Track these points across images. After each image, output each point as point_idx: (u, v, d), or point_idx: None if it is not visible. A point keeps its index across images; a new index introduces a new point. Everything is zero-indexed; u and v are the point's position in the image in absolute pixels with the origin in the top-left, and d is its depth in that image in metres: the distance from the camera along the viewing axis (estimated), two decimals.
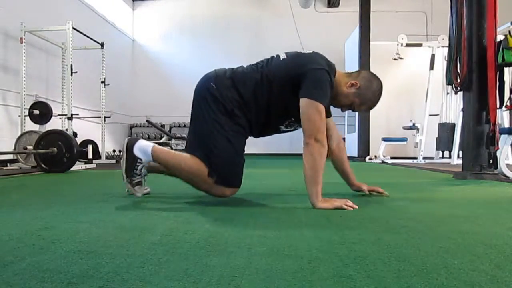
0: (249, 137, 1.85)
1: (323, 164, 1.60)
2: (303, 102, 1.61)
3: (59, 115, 5.29)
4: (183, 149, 8.54)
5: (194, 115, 1.77)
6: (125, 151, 1.72)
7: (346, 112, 1.99)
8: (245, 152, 1.75)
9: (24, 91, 4.87)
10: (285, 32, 9.56)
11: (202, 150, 1.69)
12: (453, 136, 5.80)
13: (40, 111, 4.83)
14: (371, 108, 1.83)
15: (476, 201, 1.96)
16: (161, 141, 7.44)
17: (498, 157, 2.96)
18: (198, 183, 1.71)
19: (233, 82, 1.72)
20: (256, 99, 1.70)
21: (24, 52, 4.88)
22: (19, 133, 4.59)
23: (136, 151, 1.72)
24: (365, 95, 1.74)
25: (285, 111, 1.73)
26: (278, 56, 1.77)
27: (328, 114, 1.93)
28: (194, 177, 1.69)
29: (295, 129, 1.86)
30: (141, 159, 1.71)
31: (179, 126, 9.67)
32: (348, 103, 1.76)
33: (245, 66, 1.82)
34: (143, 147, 1.72)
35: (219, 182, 1.67)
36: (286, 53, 1.77)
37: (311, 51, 1.75)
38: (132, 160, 1.70)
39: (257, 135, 1.86)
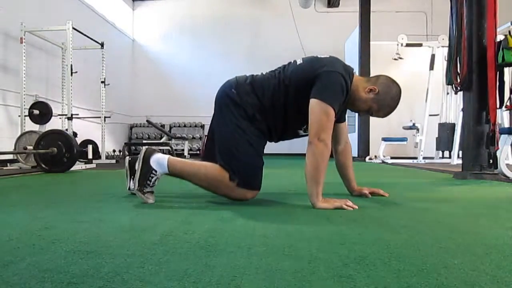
0: (269, 142, 1.87)
1: (325, 165, 1.60)
2: (312, 102, 1.62)
3: (59, 115, 5.30)
4: (182, 150, 8.51)
5: (216, 121, 1.80)
6: (141, 161, 1.70)
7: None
8: None
9: (24, 91, 4.87)
10: (285, 32, 9.57)
11: (223, 154, 1.71)
12: (453, 136, 5.80)
13: (40, 111, 4.83)
14: (389, 113, 1.81)
15: (476, 201, 1.96)
16: (161, 141, 7.43)
17: (498, 157, 2.96)
18: (219, 188, 1.72)
19: (253, 87, 1.74)
20: (274, 104, 1.73)
21: (24, 52, 4.88)
22: (19, 133, 4.59)
23: (153, 163, 1.71)
24: (384, 100, 1.73)
25: (302, 115, 1.72)
26: (295, 61, 1.79)
27: (342, 119, 1.93)
28: (215, 182, 1.70)
29: None
30: (156, 171, 1.70)
31: (179, 126, 9.67)
32: (366, 108, 1.76)
33: (264, 73, 1.84)
34: (159, 160, 1.71)
35: (241, 185, 1.68)
36: (303, 58, 1.79)
37: (328, 56, 1.75)
38: (147, 171, 1.69)
39: (276, 139, 1.89)
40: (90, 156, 5.06)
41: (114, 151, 8.01)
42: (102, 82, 6.01)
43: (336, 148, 1.96)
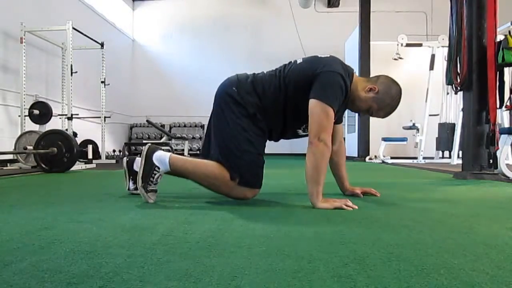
0: (269, 141, 1.88)
1: (325, 165, 1.60)
2: (311, 103, 1.62)
3: (59, 115, 5.30)
4: (182, 150, 8.51)
5: (216, 119, 1.78)
6: (144, 158, 1.70)
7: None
8: None
9: (24, 91, 4.87)
10: (285, 32, 9.57)
11: (224, 152, 1.71)
12: (453, 136, 5.80)
13: (40, 111, 4.83)
14: (389, 113, 1.81)
15: (476, 201, 1.96)
16: (161, 141, 7.44)
17: (498, 157, 2.96)
18: (220, 187, 1.72)
19: (254, 86, 1.74)
20: (275, 103, 1.72)
21: (24, 52, 4.88)
22: (19, 133, 4.59)
23: (156, 160, 1.71)
24: (384, 100, 1.73)
25: (301, 115, 1.73)
26: (295, 61, 1.78)
27: (339, 121, 1.93)
28: (216, 180, 1.70)
29: None
30: (159, 168, 1.71)
31: (179, 126, 9.67)
32: (366, 107, 1.76)
33: (265, 72, 1.84)
34: (161, 157, 1.72)
35: (242, 184, 1.68)
36: (303, 58, 1.79)
37: (328, 55, 1.75)
38: (150, 167, 1.69)
39: (276, 139, 1.89)
40: (90, 156, 5.07)
41: (114, 151, 8.01)
42: (102, 82, 6.01)
43: (331, 148, 1.96)
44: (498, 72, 3.07)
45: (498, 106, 3.08)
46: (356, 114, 7.34)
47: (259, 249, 0.95)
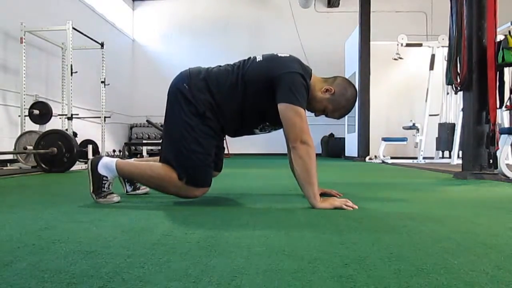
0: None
1: (314, 165, 1.60)
2: (281, 107, 1.60)
3: (59, 115, 5.30)
4: None
5: (167, 116, 1.76)
6: (89, 172, 1.71)
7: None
8: (245, 152, 1.75)
9: (24, 91, 4.87)
10: (285, 32, 9.57)
11: (172, 151, 1.70)
12: (453, 136, 5.80)
13: (40, 111, 4.83)
14: (344, 115, 1.82)
15: (476, 201, 1.96)
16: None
17: (498, 157, 2.96)
18: (167, 187, 1.71)
19: (207, 84, 1.70)
20: (230, 102, 1.70)
21: (24, 52, 4.88)
22: (19, 133, 4.59)
23: (101, 169, 1.71)
24: (339, 102, 1.74)
25: (260, 115, 1.73)
26: (255, 57, 1.76)
27: None
28: (162, 182, 1.69)
29: (269, 132, 1.87)
30: (106, 177, 1.71)
31: None
32: (322, 108, 1.76)
33: (221, 65, 1.80)
34: (107, 164, 1.72)
35: (190, 183, 1.67)
36: (263, 55, 1.76)
37: (288, 55, 1.74)
38: (98, 179, 1.70)
39: (232, 135, 1.86)
40: (90, 156, 5.06)
41: (114, 151, 8.01)
42: (102, 82, 6.01)
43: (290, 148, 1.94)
44: (498, 72, 3.07)
45: (498, 106, 3.08)
46: (357, 114, 7.35)
47: (259, 249, 0.95)
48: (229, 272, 0.78)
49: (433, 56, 6.40)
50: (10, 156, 4.56)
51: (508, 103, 3.16)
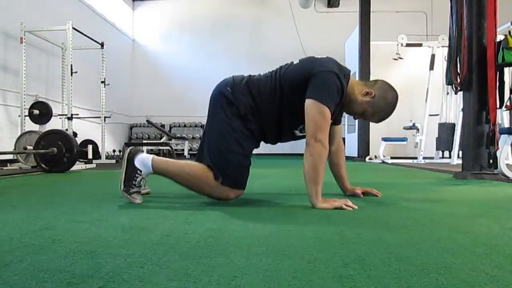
0: (266, 144, 1.88)
1: (323, 165, 1.60)
2: (307, 102, 1.62)
3: (59, 115, 5.30)
4: (182, 150, 8.49)
5: (210, 119, 1.79)
6: (125, 161, 1.71)
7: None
8: None
9: (24, 91, 4.87)
10: (285, 32, 9.58)
11: (211, 150, 1.71)
12: (453, 136, 5.80)
13: (40, 111, 4.83)
14: (383, 119, 1.80)
15: (476, 201, 1.96)
16: (161, 141, 7.44)
17: (498, 157, 2.96)
18: (202, 186, 1.72)
19: (249, 87, 1.74)
20: (270, 105, 1.72)
21: (24, 52, 4.88)
22: (19, 133, 4.59)
23: (137, 163, 1.71)
24: (379, 105, 1.72)
25: (297, 115, 1.72)
26: (292, 62, 1.78)
27: (338, 122, 1.93)
28: (198, 180, 1.70)
29: None
30: (141, 171, 1.71)
31: (179, 126, 9.67)
32: (361, 111, 1.75)
33: (262, 74, 1.83)
34: (144, 159, 1.72)
35: (225, 183, 1.68)
36: (300, 59, 1.78)
37: (325, 56, 1.75)
38: (132, 171, 1.70)
39: (273, 141, 1.88)
40: (90, 156, 5.07)
41: (114, 151, 8.01)
42: (102, 82, 6.01)
43: (330, 149, 1.94)
44: (498, 72, 3.07)
45: (498, 106, 3.08)
46: None
47: (259, 249, 0.95)
48: (229, 272, 0.78)
49: (433, 56, 6.40)
50: (10, 156, 4.56)
51: (508, 103, 3.16)
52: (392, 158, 6.51)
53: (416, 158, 6.34)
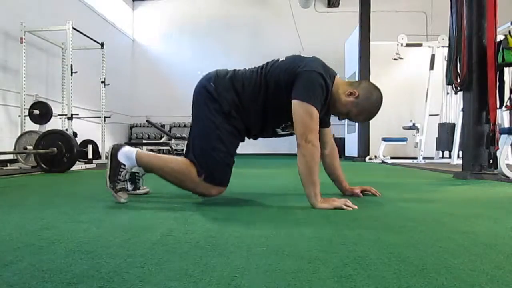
0: (248, 139, 1.88)
1: (317, 165, 1.60)
2: (294, 103, 1.62)
3: (59, 115, 5.29)
4: (182, 150, 8.53)
5: (193, 114, 1.80)
6: (109, 157, 1.72)
7: None
8: (245, 152, 1.76)
9: (24, 91, 4.87)
10: (285, 32, 9.57)
11: (194, 147, 1.72)
12: (453, 136, 5.80)
13: (40, 111, 4.83)
14: (368, 119, 1.83)
15: (476, 201, 1.96)
16: (161, 141, 7.44)
17: (498, 157, 2.96)
18: (185, 182, 1.72)
19: (233, 83, 1.73)
20: (254, 101, 1.72)
21: (24, 52, 4.88)
22: (19, 133, 4.59)
23: (121, 156, 1.72)
24: (363, 105, 1.73)
25: (281, 114, 1.73)
26: (278, 59, 1.78)
27: (326, 125, 1.93)
28: (181, 175, 1.70)
29: (291, 134, 1.87)
30: (124, 165, 1.72)
31: (179, 126, 9.67)
32: (345, 111, 1.76)
33: (247, 68, 1.83)
34: (127, 152, 1.73)
35: (207, 180, 1.68)
36: (286, 56, 1.78)
37: (312, 56, 1.75)
38: (116, 165, 1.70)
39: (255, 137, 1.88)
40: (90, 156, 5.06)
41: None
42: (102, 82, 6.01)
43: (323, 152, 1.93)
44: (498, 72, 3.07)
45: (498, 106, 3.08)
46: None
47: (259, 249, 0.95)
48: (229, 272, 0.78)
49: (433, 56, 6.40)
50: (10, 156, 4.55)
51: (508, 103, 3.16)
52: (392, 158, 6.51)
53: (416, 158, 6.34)
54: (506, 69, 3.17)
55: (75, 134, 4.70)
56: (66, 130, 4.55)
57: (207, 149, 1.67)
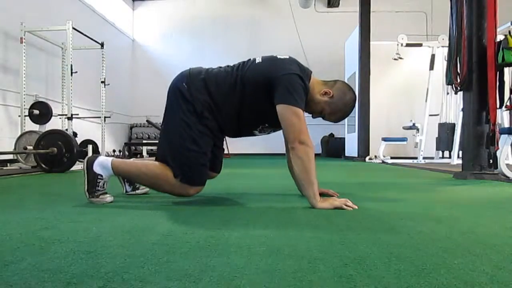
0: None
1: (313, 165, 1.61)
2: (280, 108, 1.62)
3: (59, 115, 5.30)
4: None
5: (165, 114, 1.79)
6: (84, 171, 1.71)
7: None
8: (245, 152, 1.76)
9: (24, 91, 4.87)
10: (285, 32, 9.57)
11: (168, 149, 1.72)
12: (453, 136, 5.80)
13: (40, 111, 4.83)
14: (341, 119, 1.84)
15: (476, 201, 1.96)
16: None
17: (498, 157, 2.96)
18: (162, 185, 1.73)
19: (206, 84, 1.72)
20: (228, 102, 1.71)
21: (24, 52, 4.89)
22: (19, 133, 4.59)
23: (96, 167, 1.72)
24: (337, 105, 1.75)
25: (258, 116, 1.74)
26: (254, 59, 1.77)
27: None
28: (158, 180, 1.71)
29: (269, 133, 1.88)
30: (101, 175, 1.72)
31: None
32: (319, 110, 1.77)
33: (222, 66, 1.82)
34: (103, 162, 1.73)
35: (184, 181, 1.68)
36: (262, 57, 1.78)
37: (287, 56, 1.75)
38: (92, 178, 1.71)
39: (232, 136, 1.87)
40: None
41: (114, 151, 8.02)
42: (102, 82, 6.01)
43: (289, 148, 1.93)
44: (498, 72, 3.07)
45: (498, 106, 3.08)
46: (356, 114, 7.35)
47: (259, 249, 0.95)
48: (229, 272, 0.78)
49: (433, 56, 6.40)
50: (10, 156, 4.56)
51: (508, 103, 3.16)
52: (392, 158, 6.51)
53: (416, 158, 6.34)
54: (506, 69, 3.17)
55: (75, 134, 4.70)
56: (66, 130, 4.56)
57: (182, 150, 1.67)
